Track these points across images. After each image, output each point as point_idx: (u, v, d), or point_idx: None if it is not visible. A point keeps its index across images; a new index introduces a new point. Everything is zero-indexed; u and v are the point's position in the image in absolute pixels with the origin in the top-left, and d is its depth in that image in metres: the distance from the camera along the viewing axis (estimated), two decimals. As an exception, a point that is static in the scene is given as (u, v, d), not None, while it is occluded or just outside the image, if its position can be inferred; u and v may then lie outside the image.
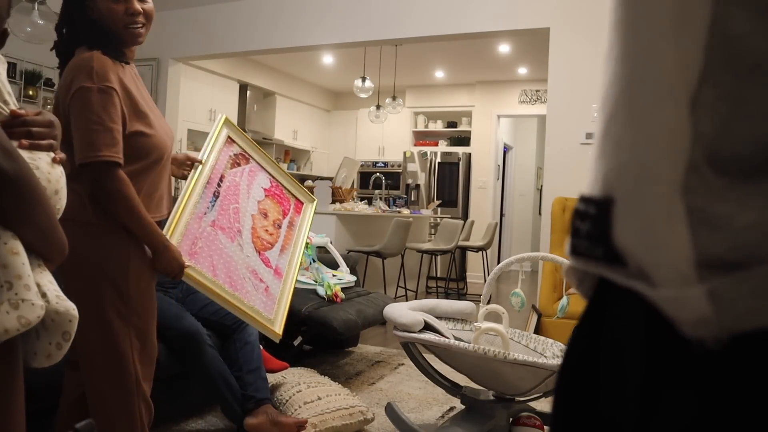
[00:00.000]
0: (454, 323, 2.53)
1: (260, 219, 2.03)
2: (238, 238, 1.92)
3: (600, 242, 0.35)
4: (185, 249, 1.70)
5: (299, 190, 2.28)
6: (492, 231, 6.44)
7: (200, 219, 1.80)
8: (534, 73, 7.15)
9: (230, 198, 1.94)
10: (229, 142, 2.00)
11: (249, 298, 1.86)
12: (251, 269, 1.92)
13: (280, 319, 1.96)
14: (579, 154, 3.99)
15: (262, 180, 2.09)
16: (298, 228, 2.20)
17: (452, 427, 2.19)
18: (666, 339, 0.33)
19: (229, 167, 1.97)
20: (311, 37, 4.94)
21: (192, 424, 2.44)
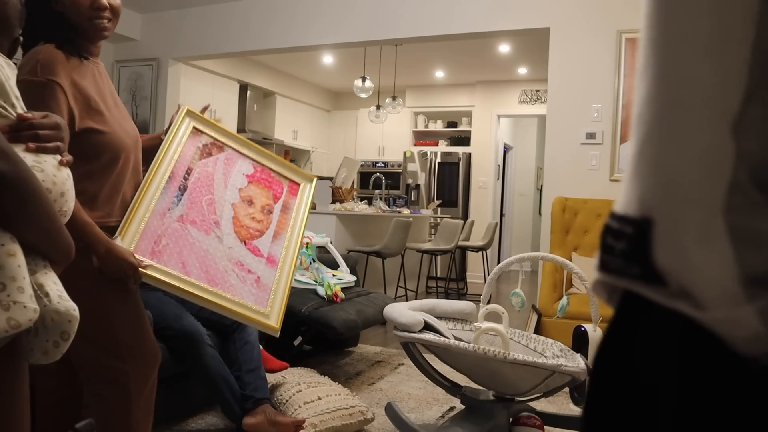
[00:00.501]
0: (454, 323, 2.53)
1: (244, 207, 1.88)
2: (215, 230, 1.79)
3: (637, 261, 0.35)
4: (144, 248, 1.60)
5: (293, 172, 2.10)
6: (492, 231, 6.43)
7: (163, 216, 1.68)
8: (534, 73, 7.15)
9: (201, 190, 1.81)
10: (195, 134, 1.86)
11: (234, 292, 1.73)
12: (235, 261, 1.79)
13: (277, 311, 1.82)
14: (579, 154, 3.98)
15: (243, 167, 1.94)
16: (295, 210, 2.03)
17: (452, 427, 2.19)
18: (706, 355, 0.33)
19: (198, 159, 1.83)
20: (311, 37, 4.94)
21: (192, 423, 2.44)
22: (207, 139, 1.88)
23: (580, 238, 3.81)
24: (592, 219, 3.80)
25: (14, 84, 1.02)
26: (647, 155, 0.36)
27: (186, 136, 1.82)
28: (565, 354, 2.19)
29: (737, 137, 0.32)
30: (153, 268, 1.59)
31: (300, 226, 2.02)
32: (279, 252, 1.92)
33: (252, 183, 1.94)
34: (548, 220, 3.94)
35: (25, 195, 0.88)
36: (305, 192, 2.09)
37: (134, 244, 1.58)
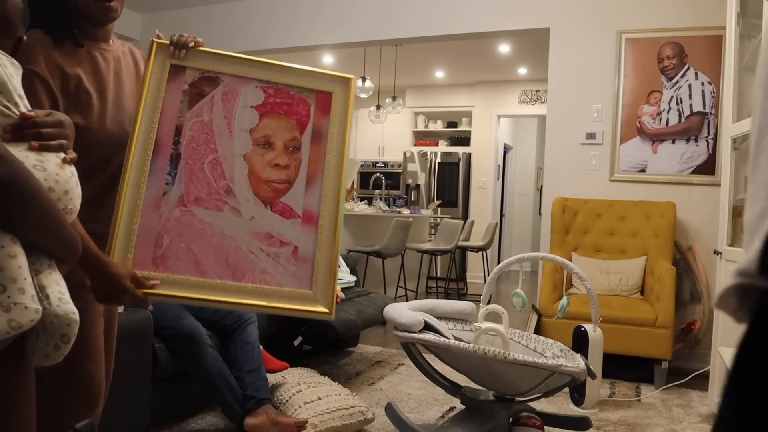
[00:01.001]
0: (454, 323, 2.53)
1: (260, 155, 1.47)
2: (229, 200, 1.42)
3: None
4: (143, 259, 1.32)
5: (318, 78, 1.57)
6: (492, 231, 6.43)
7: (158, 205, 1.36)
8: (534, 73, 7.15)
9: (200, 150, 1.43)
10: (175, 73, 1.44)
11: (267, 280, 1.39)
12: (262, 235, 1.42)
13: (325, 288, 1.42)
14: (579, 154, 3.99)
15: (248, 96, 1.50)
16: (330, 132, 1.53)
17: (452, 427, 2.19)
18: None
19: (186, 108, 1.44)
20: (311, 37, 4.94)
21: (192, 424, 2.44)
22: (192, 75, 1.46)
23: (580, 238, 3.81)
24: (592, 219, 3.80)
25: (18, 83, 1.02)
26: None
27: (164, 83, 1.43)
28: (565, 354, 2.19)
29: None
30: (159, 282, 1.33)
31: (340, 150, 1.54)
32: (317, 202, 1.48)
33: (265, 116, 1.50)
34: (548, 221, 3.94)
35: (24, 196, 0.88)
36: (340, 101, 1.56)
37: (130, 257, 1.31)
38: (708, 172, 3.66)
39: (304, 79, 1.54)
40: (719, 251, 2.76)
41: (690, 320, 3.54)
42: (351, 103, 1.56)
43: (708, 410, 2.84)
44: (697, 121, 3.68)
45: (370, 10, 4.69)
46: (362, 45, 5.09)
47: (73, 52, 1.32)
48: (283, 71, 1.53)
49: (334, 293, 1.42)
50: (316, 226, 1.46)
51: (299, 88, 1.54)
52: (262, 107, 1.50)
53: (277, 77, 1.52)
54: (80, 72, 1.32)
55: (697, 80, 3.68)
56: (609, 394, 3.06)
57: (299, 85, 1.54)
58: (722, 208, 2.79)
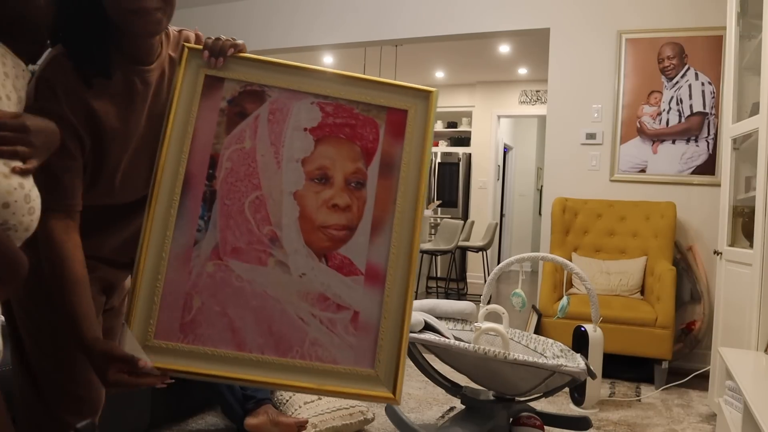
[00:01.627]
0: (455, 323, 2.53)
1: (313, 192, 1.18)
2: (275, 251, 1.15)
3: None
4: (169, 325, 1.10)
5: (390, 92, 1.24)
6: (492, 231, 6.44)
7: (187, 259, 1.12)
8: (534, 73, 7.15)
9: (240, 186, 1.16)
10: (209, 86, 1.18)
11: (318, 354, 1.13)
12: (314, 297, 1.15)
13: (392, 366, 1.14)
14: (579, 154, 3.99)
15: (302, 115, 1.20)
16: (402, 163, 1.21)
17: (452, 427, 2.19)
18: None
19: (224, 132, 1.17)
20: (311, 38, 4.95)
21: (192, 424, 2.44)
22: (232, 89, 1.19)
23: (580, 238, 3.81)
24: (592, 219, 3.80)
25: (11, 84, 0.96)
26: None
27: (197, 99, 1.17)
28: (566, 354, 2.19)
29: None
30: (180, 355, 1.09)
31: (416, 186, 1.22)
32: (384, 255, 1.19)
33: (322, 141, 1.20)
34: (548, 221, 3.94)
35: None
36: (417, 121, 1.24)
37: (153, 323, 1.10)
38: (708, 173, 3.66)
39: (373, 93, 1.23)
40: (719, 251, 2.76)
41: (690, 320, 3.54)
42: (431, 124, 1.24)
43: (708, 410, 2.85)
44: (697, 121, 3.68)
45: (370, 11, 4.70)
46: (362, 45, 5.09)
47: (101, 81, 1.12)
48: (345, 82, 1.23)
49: (402, 373, 1.14)
50: (383, 287, 1.18)
51: (366, 105, 1.23)
52: (318, 130, 1.20)
53: (337, 91, 1.22)
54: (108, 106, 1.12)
55: (697, 80, 3.68)
56: (609, 394, 3.07)
57: (366, 101, 1.23)
58: (722, 208, 2.79)
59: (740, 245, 2.65)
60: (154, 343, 1.10)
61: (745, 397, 1.64)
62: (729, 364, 1.99)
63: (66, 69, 1.08)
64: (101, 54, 1.11)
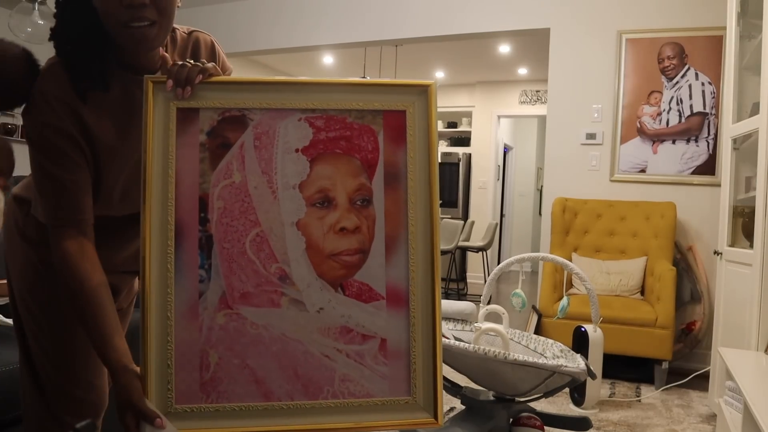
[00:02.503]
0: (455, 323, 2.53)
1: (317, 219, 1.08)
2: (287, 289, 1.07)
3: None
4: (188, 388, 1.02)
5: (383, 93, 1.13)
6: (492, 231, 6.43)
7: (194, 314, 1.04)
8: (534, 73, 7.15)
9: (237, 225, 1.06)
10: (183, 119, 1.06)
11: (350, 390, 1.07)
12: (336, 331, 1.08)
13: (426, 387, 1.08)
14: (579, 154, 3.99)
15: (291, 135, 1.09)
16: (407, 169, 1.11)
17: (452, 427, 2.19)
18: None
19: (209, 168, 1.06)
20: (311, 38, 4.95)
21: (192, 424, 2.44)
22: (209, 119, 1.07)
23: (580, 238, 3.81)
24: (592, 219, 3.80)
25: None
26: None
27: (172, 137, 1.05)
28: (566, 354, 2.19)
29: None
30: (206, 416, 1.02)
31: (427, 192, 1.11)
32: (404, 273, 1.10)
33: (317, 160, 1.09)
34: (548, 221, 3.94)
35: None
36: (418, 120, 1.12)
37: (171, 389, 1.01)
38: (708, 173, 3.66)
39: (364, 98, 1.11)
40: (719, 251, 2.76)
41: (690, 320, 3.54)
42: (434, 121, 1.11)
43: (708, 410, 2.84)
44: (698, 121, 3.68)
45: (370, 11, 4.70)
46: (362, 45, 5.09)
47: (99, 93, 1.08)
48: (331, 90, 1.11)
49: (440, 395, 1.08)
50: (407, 308, 1.10)
51: (359, 112, 1.11)
52: (311, 149, 1.09)
53: (324, 100, 1.10)
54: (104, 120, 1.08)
55: (698, 80, 3.68)
56: (609, 395, 3.06)
57: (358, 108, 1.11)
58: (722, 208, 2.79)
59: (740, 245, 2.65)
60: (177, 409, 1.02)
61: (745, 397, 1.64)
62: (729, 364, 1.99)
63: (61, 80, 1.04)
64: (98, 66, 1.06)
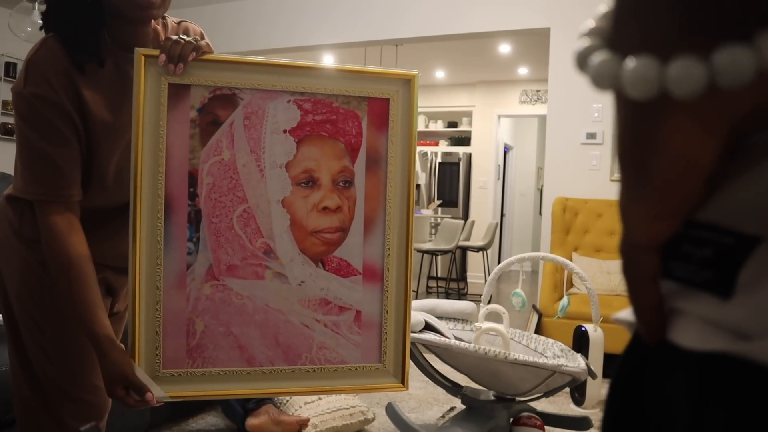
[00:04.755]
0: (455, 323, 2.53)
1: (302, 198, 1.14)
2: (271, 263, 1.13)
3: (714, 268, 0.30)
4: (175, 354, 1.09)
5: (369, 81, 1.18)
6: (492, 231, 6.43)
7: (182, 284, 1.09)
8: (534, 73, 7.15)
9: (225, 201, 1.10)
10: (175, 95, 1.07)
11: (327, 357, 1.16)
12: (316, 302, 1.15)
13: (396, 356, 1.19)
14: (579, 154, 3.98)
15: (279, 116, 1.13)
16: (388, 155, 1.18)
17: (453, 427, 2.19)
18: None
19: (199, 144, 1.09)
20: (311, 38, 4.95)
21: (192, 424, 2.44)
22: (200, 96, 1.09)
23: (581, 238, 3.81)
24: (593, 219, 3.80)
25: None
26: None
27: (163, 111, 1.06)
28: (566, 354, 2.19)
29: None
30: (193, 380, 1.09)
31: (406, 177, 1.19)
32: (380, 251, 1.19)
33: (304, 141, 1.14)
34: (549, 220, 3.93)
35: None
36: (401, 108, 1.19)
37: (159, 354, 1.07)
38: (708, 172, 3.66)
39: (351, 84, 1.16)
40: (720, 251, 2.76)
41: (690, 320, 3.54)
42: (415, 110, 1.18)
43: (709, 410, 2.84)
44: (698, 120, 3.68)
45: (370, 11, 4.70)
46: (363, 45, 5.09)
47: (94, 67, 1.09)
48: (321, 75, 1.15)
49: (407, 362, 1.20)
50: (381, 283, 1.18)
51: (345, 98, 1.16)
52: (298, 130, 1.13)
53: (313, 85, 1.14)
54: (95, 92, 1.09)
55: (698, 80, 3.68)
56: (609, 394, 3.06)
57: (345, 93, 1.16)
58: (723, 207, 2.79)
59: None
60: (164, 374, 1.09)
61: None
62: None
63: (57, 53, 1.05)
64: (93, 40, 1.07)
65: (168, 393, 1.07)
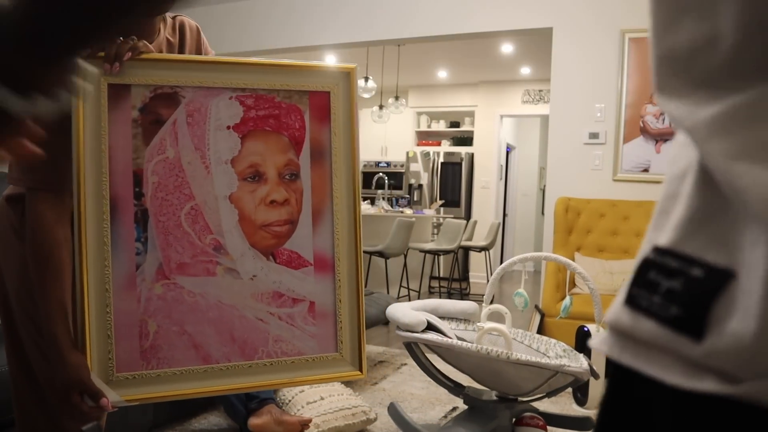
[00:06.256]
0: (457, 323, 2.53)
1: (249, 192, 1.15)
2: (221, 258, 1.12)
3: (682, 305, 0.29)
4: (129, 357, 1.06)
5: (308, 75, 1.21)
6: (495, 231, 6.43)
7: (132, 285, 1.07)
8: (537, 73, 7.14)
9: (171, 200, 1.10)
10: (115, 95, 1.06)
11: (283, 349, 1.16)
12: (269, 296, 1.15)
13: (354, 344, 1.21)
14: (582, 154, 3.98)
15: (222, 113, 1.14)
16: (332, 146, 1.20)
17: (455, 427, 2.19)
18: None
19: (142, 143, 1.08)
20: (314, 38, 4.95)
21: (195, 423, 2.44)
22: (141, 95, 1.09)
23: (583, 238, 3.80)
24: (595, 219, 3.79)
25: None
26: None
27: (104, 112, 1.05)
28: (568, 354, 2.19)
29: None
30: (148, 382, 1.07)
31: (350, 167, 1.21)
32: (329, 241, 1.19)
33: (248, 137, 1.15)
34: (551, 220, 3.93)
35: None
36: (341, 101, 1.22)
37: (112, 358, 1.05)
38: (711, 172, 3.65)
39: (291, 78, 1.18)
40: (723, 251, 2.76)
41: (693, 320, 3.53)
42: (354, 102, 1.22)
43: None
44: (701, 120, 3.67)
45: (373, 11, 4.69)
46: (365, 45, 5.09)
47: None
48: (260, 71, 1.17)
49: (364, 349, 1.21)
50: (333, 272, 1.19)
51: (287, 92, 1.18)
52: (242, 126, 1.14)
53: (254, 80, 1.16)
54: None
55: (701, 80, 3.67)
56: (612, 395, 3.06)
57: (286, 88, 1.18)
58: (726, 207, 2.78)
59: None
60: (118, 377, 1.06)
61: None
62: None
63: None
64: None
65: (123, 397, 1.05)
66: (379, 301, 3.46)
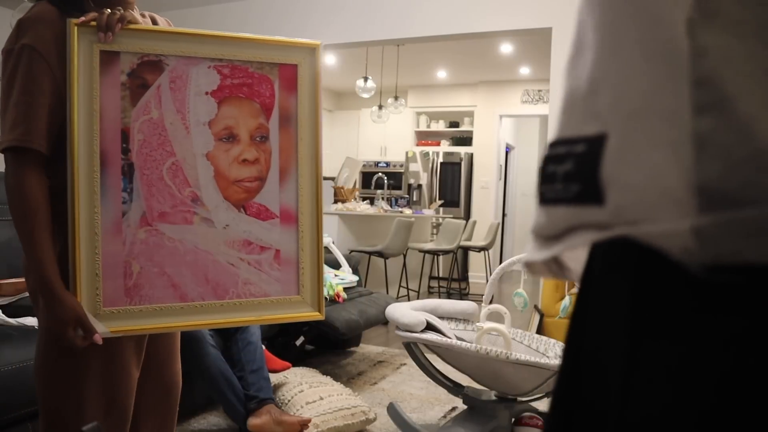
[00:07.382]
0: (456, 323, 2.53)
1: (223, 151, 1.28)
2: (198, 209, 1.26)
3: (578, 179, 0.31)
4: (114, 293, 1.18)
5: (280, 49, 1.36)
6: (494, 231, 6.43)
7: (118, 230, 1.19)
8: (536, 73, 7.15)
9: (155, 155, 1.23)
10: (106, 61, 1.19)
11: (251, 291, 1.30)
12: (239, 243, 1.29)
13: (313, 289, 1.35)
14: (581, 154, 3.98)
15: (201, 80, 1.27)
16: (298, 113, 1.35)
17: (454, 427, 2.19)
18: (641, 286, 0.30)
19: (130, 105, 1.21)
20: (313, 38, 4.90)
21: (194, 423, 2.44)
22: (129, 61, 1.21)
23: (583, 238, 3.80)
24: (595, 219, 3.79)
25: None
26: (603, 69, 0.33)
27: (96, 76, 1.17)
28: (568, 354, 2.19)
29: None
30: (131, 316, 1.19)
31: (313, 133, 1.36)
32: (294, 197, 1.35)
33: (224, 102, 1.29)
34: (550, 220, 3.93)
35: None
36: (307, 74, 1.37)
37: (99, 294, 1.17)
38: (711, 172, 3.65)
39: (263, 52, 1.33)
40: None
41: (692, 320, 3.53)
42: (319, 75, 1.37)
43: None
44: (700, 120, 3.67)
45: (372, 11, 4.70)
46: (364, 45, 5.09)
47: None
48: (236, 44, 1.30)
49: (322, 293, 1.36)
50: (296, 224, 1.34)
51: (259, 64, 1.32)
52: (218, 92, 1.28)
53: (231, 52, 1.29)
54: None
55: (700, 80, 3.68)
56: (611, 395, 3.06)
57: (259, 60, 1.32)
58: (725, 208, 2.79)
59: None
60: (104, 311, 1.18)
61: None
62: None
63: (49, 13, 1.14)
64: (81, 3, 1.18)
65: (110, 329, 1.16)
66: (378, 301, 3.46)
